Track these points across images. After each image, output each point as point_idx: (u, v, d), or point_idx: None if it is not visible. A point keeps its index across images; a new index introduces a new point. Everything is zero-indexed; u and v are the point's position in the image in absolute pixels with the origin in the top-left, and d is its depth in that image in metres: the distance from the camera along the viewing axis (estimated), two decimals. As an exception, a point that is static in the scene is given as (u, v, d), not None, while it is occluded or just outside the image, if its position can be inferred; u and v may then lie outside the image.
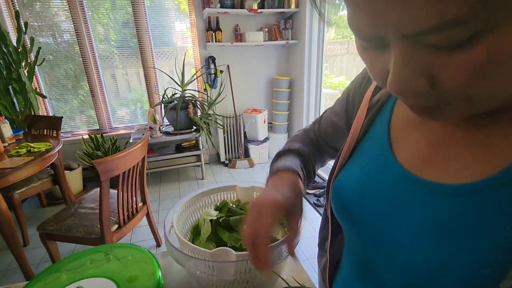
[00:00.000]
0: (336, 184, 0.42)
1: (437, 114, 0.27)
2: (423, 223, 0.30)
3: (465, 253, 0.27)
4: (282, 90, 3.27)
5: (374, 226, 0.35)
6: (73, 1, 2.66)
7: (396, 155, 0.35)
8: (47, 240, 1.53)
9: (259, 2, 2.87)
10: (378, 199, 0.35)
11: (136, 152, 1.50)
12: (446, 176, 0.30)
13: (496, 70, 0.20)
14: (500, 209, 0.26)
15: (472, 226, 0.27)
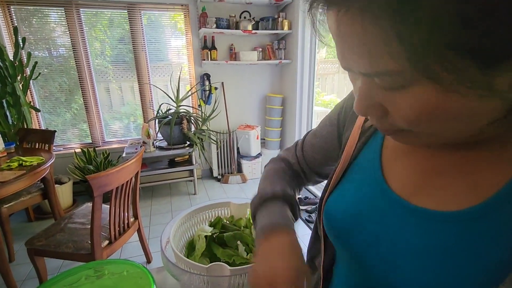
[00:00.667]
0: (328, 206, 0.44)
1: (396, 136, 0.32)
2: (415, 247, 0.32)
3: (454, 277, 0.29)
4: (275, 107, 3.35)
5: (368, 249, 0.37)
6: (71, 17, 2.72)
7: (387, 181, 0.37)
8: (35, 256, 1.50)
9: (253, 24, 2.99)
10: (371, 223, 0.37)
11: (130, 167, 1.52)
12: (435, 203, 0.32)
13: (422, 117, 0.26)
14: (485, 235, 0.28)
15: (460, 251, 0.29)
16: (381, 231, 0.36)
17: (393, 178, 0.37)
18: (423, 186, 0.34)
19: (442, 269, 0.30)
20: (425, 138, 0.30)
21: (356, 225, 0.38)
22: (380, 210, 0.37)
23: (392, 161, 0.38)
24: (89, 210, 1.81)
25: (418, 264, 0.32)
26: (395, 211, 0.35)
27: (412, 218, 0.33)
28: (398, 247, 0.34)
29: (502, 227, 0.28)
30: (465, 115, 0.25)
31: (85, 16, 2.79)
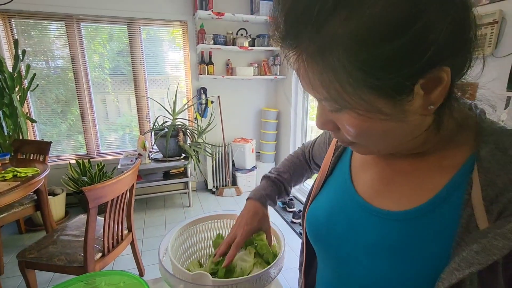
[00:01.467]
0: (309, 212, 0.50)
1: (352, 147, 0.38)
2: (373, 243, 0.38)
3: (404, 268, 0.34)
4: (270, 121, 3.41)
5: (338, 247, 0.43)
6: (71, 31, 2.78)
7: (355, 187, 0.44)
8: (26, 269, 1.48)
9: (249, 41, 3.09)
10: (341, 224, 0.43)
11: (126, 179, 1.53)
12: (389, 205, 0.38)
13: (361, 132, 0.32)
14: (426, 231, 0.34)
15: (407, 246, 0.35)
16: (348, 230, 0.42)
17: (359, 184, 0.44)
18: (381, 190, 0.40)
19: (393, 262, 0.35)
20: (370, 148, 0.36)
21: (329, 226, 0.45)
22: (349, 211, 0.43)
23: (359, 171, 0.45)
24: (83, 222, 1.80)
25: (375, 258, 0.37)
26: (360, 212, 0.41)
27: (372, 218, 0.39)
28: (360, 244, 0.39)
29: (440, 223, 0.33)
30: (389, 133, 0.32)
31: (85, 30, 2.85)
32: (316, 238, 0.48)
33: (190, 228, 0.69)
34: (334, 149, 0.52)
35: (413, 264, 0.34)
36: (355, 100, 0.29)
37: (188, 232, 0.69)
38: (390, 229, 0.37)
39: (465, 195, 0.32)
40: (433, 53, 0.25)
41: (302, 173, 0.72)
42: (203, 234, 0.72)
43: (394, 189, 0.39)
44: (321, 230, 0.46)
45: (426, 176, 0.36)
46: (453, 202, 0.33)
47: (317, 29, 0.27)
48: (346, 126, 0.33)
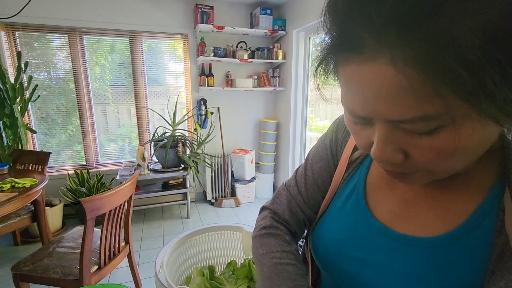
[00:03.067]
0: (315, 233, 0.46)
1: (406, 179, 0.33)
2: (400, 271, 0.35)
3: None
4: (269, 132, 3.43)
5: (355, 274, 0.39)
6: (74, 43, 2.83)
7: (371, 209, 0.40)
8: (20, 282, 1.46)
9: (249, 53, 3.14)
10: (357, 249, 0.39)
11: (124, 190, 1.52)
12: (414, 230, 0.36)
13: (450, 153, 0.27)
14: (455, 259, 0.32)
15: (437, 274, 0.33)
16: (367, 257, 0.38)
17: (375, 206, 0.40)
18: (403, 215, 0.38)
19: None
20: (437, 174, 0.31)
21: (342, 251, 0.41)
22: (364, 236, 0.40)
23: (375, 191, 0.41)
24: (79, 233, 1.78)
25: (399, 286, 0.35)
26: (379, 238, 0.38)
27: (396, 244, 0.37)
28: (383, 271, 0.37)
29: (472, 250, 0.32)
30: (479, 146, 0.28)
31: (87, 43, 2.90)
32: (325, 263, 0.44)
33: (188, 241, 0.69)
34: (347, 164, 0.46)
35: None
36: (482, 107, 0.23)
37: (186, 245, 0.68)
38: (418, 256, 0.35)
39: (498, 221, 0.31)
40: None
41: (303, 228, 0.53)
42: (200, 247, 0.71)
43: (418, 213, 0.37)
44: (332, 256, 0.42)
45: (453, 200, 0.34)
46: (484, 228, 0.32)
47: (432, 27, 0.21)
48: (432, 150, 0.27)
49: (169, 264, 0.61)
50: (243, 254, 0.73)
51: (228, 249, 0.74)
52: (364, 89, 0.27)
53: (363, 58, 0.25)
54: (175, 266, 0.64)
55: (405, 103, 0.25)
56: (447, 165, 0.29)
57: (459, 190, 0.34)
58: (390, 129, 0.28)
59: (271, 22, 3.07)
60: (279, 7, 3.26)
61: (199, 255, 0.71)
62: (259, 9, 3.01)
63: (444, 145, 0.26)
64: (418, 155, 0.28)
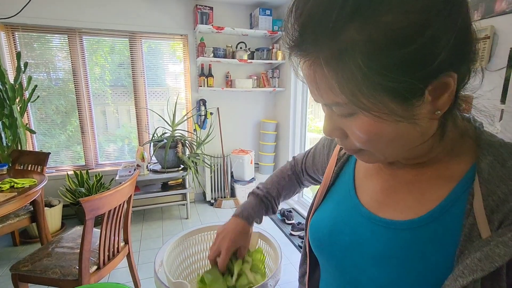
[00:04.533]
0: (312, 223, 0.50)
1: (358, 155, 0.39)
2: (379, 253, 0.39)
3: (409, 277, 0.35)
4: (269, 132, 3.43)
5: (343, 258, 0.43)
6: (74, 44, 2.83)
7: (359, 198, 0.45)
8: (19, 282, 1.45)
9: (249, 54, 3.14)
10: (346, 235, 0.43)
11: (124, 190, 1.52)
12: (394, 215, 0.39)
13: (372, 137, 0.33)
14: (430, 240, 0.35)
15: (411, 255, 0.36)
16: (354, 240, 0.42)
17: (363, 195, 0.45)
18: (385, 201, 0.41)
19: (398, 271, 0.36)
20: (377, 156, 0.37)
21: (334, 236, 0.45)
22: (353, 222, 0.44)
23: (362, 182, 0.46)
24: (79, 234, 1.77)
25: (380, 267, 0.38)
26: (364, 223, 0.42)
27: (377, 228, 0.40)
28: (366, 254, 0.40)
29: (443, 232, 0.35)
30: (400, 137, 0.33)
31: (87, 43, 2.90)
32: (320, 249, 0.48)
33: (187, 240, 0.69)
34: (336, 159, 0.52)
35: (417, 273, 0.35)
36: (371, 102, 0.30)
37: (185, 244, 0.69)
38: (395, 239, 0.38)
39: (467, 205, 0.33)
40: (442, 59, 0.28)
41: (291, 189, 0.72)
42: (199, 246, 0.71)
43: (398, 199, 0.40)
44: (325, 241, 0.46)
45: (428, 186, 0.38)
46: (455, 212, 0.34)
47: (334, 35, 0.28)
48: (356, 132, 0.33)
49: (169, 262, 0.61)
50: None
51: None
52: (306, 80, 0.34)
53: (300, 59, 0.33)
54: (174, 266, 0.64)
55: (324, 91, 0.32)
56: (380, 148, 0.35)
57: (434, 177, 0.38)
58: (328, 110, 0.36)
59: (270, 23, 3.08)
60: (278, 8, 3.26)
61: (198, 254, 0.72)
62: (258, 10, 3.02)
63: (362, 129, 0.33)
64: (350, 134, 0.35)
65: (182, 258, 0.67)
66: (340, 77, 0.29)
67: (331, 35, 0.28)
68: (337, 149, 0.53)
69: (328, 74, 0.30)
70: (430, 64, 0.28)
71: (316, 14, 0.29)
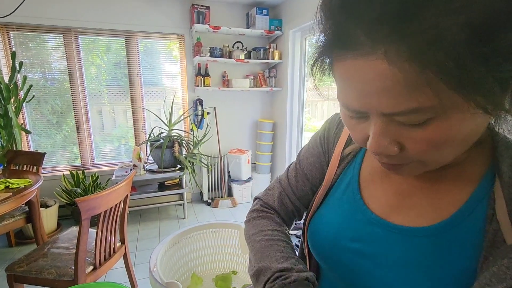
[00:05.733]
0: (312, 227, 0.47)
1: (400, 170, 0.34)
2: (397, 260, 0.36)
3: (430, 283, 0.33)
4: (265, 132, 3.43)
5: (353, 265, 0.40)
6: (69, 43, 2.81)
7: (366, 203, 0.41)
8: (14, 283, 1.44)
9: (245, 53, 3.14)
10: (354, 241, 0.40)
11: (120, 190, 1.52)
12: (410, 221, 0.37)
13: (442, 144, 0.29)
14: (449, 247, 0.33)
15: (432, 262, 0.34)
16: (364, 248, 0.39)
17: (371, 199, 0.41)
18: (398, 206, 0.39)
19: (419, 278, 0.34)
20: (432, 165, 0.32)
21: (339, 243, 0.42)
22: (361, 228, 0.41)
23: (369, 185, 0.43)
24: (75, 234, 1.77)
25: (397, 275, 0.36)
26: (375, 229, 0.39)
27: (391, 235, 0.38)
28: (380, 262, 0.38)
29: (465, 238, 0.33)
30: (468, 136, 0.29)
31: (83, 43, 2.89)
32: (322, 256, 0.45)
33: (184, 238, 0.69)
34: (339, 160, 0.48)
35: (439, 280, 0.33)
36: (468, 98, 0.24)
37: (182, 243, 0.69)
38: (414, 246, 0.36)
39: (489, 209, 0.32)
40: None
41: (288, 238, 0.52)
42: (193, 245, 0.71)
43: (412, 204, 0.38)
44: (329, 249, 0.43)
45: (445, 190, 0.36)
46: (476, 217, 0.33)
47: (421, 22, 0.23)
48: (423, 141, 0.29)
49: (163, 262, 0.61)
50: (241, 252, 0.74)
51: (225, 246, 0.74)
52: (359, 83, 0.28)
53: (357, 54, 0.26)
54: (170, 264, 0.64)
55: (399, 95, 0.26)
56: (438, 155, 0.30)
57: (451, 181, 0.36)
58: (385, 122, 0.30)
59: (267, 23, 3.08)
60: (275, 8, 3.27)
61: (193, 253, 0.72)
62: (255, 9, 3.02)
63: (435, 136, 0.28)
64: (411, 147, 0.30)
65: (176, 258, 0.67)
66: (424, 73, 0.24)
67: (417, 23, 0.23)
68: (340, 148, 0.48)
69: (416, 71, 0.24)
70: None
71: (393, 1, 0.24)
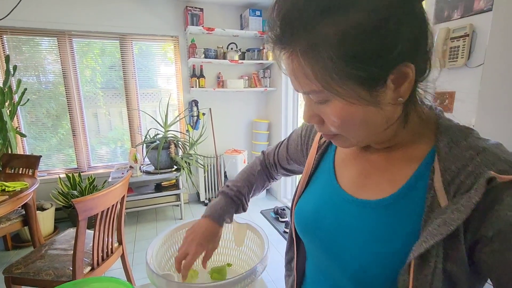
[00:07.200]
0: (297, 209, 0.54)
1: (334, 140, 0.43)
2: (357, 229, 0.43)
3: (383, 247, 0.40)
4: (261, 132, 3.46)
5: (327, 237, 0.47)
6: (63, 46, 2.82)
7: (339, 183, 0.49)
8: (12, 285, 1.45)
9: (240, 54, 3.17)
10: (329, 217, 0.48)
11: (116, 191, 1.53)
12: (369, 195, 0.44)
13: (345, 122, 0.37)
14: (398, 215, 0.40)
15: (385, 228, 0.41)
16: (336, 222, 0.46)
17: (342, 180, 0.49)
18: (361, 184, 0.46)
19: (374, 243, 0.41)
20: (351, 140, 0.41)
21: (318, 219, 0.49)
22: (335, 205, 0.48)
23: (341, 168, 0.51)
24: (72, 236, 1.77)
25: (359, 241, 0.43)
26: (345, 204, 0.47)
27: (355, 208, 0.45)
28: (346, 231, 0.45)
29: (410, 207, 0.39)
30: (368, 121, 0.37)
31: (77, 46, 2.89)
32: (305, 232, 0.52)
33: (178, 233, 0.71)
34: (317, 147, 0.56)
35: (391, 243, 0.40)
36: (342, 88, 0.34)
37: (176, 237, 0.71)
38: (370, 216, 0.43)
39: (429, 181, 0.38)
40: (400, 50, 0.32)
41: (260, 185, 0.73)
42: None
43: (373, 182, 0.45)
44: (310, 224, 0.50)
45: (397, 168, 0.43)
46: (420, 188, 0.40)
47: (310, 30, 0.33)
48: (330, 117, 0.38)
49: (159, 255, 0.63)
50: (235, 245, 0.76)
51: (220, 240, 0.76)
52: (287, 70, 0.38)
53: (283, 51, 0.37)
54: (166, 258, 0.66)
55: (302, 80, 0.36)
56: (352, 132, 0.39)
57: (401, 160, 0.43)
58: (306, 98, 0.40)
59: (261, 24, 3.11)
60: (268, 9, 3.29)
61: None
62: (248, 11, 3.05)
63: (335, 113, 0.37)
64: (326, 120, 0.39)
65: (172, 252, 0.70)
66: (315, 67, 0.34)
67: (306, 29, 0.33)
68: (317, 138, 0.57)
69: (304, 64, 0.34)
70: (390, 54, 0.32)
71: (294, 11, 0.33)
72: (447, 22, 1.44)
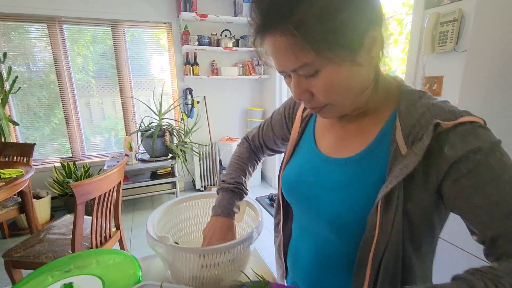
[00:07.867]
0: (283, 175, 0.62)
1: (322, 112, 0.49)
2: (334, 183, 0.51)
3: (356, 196, 0.47)
4: (255, 120, 3.48)
5: (308, 193, 0.54)
6: (54, 33, 2.77)
7: (319, 148, 0.57)
8: (12, 269, 1.48)
9: (233, 41, 3.15)
10: (310, 176, 0.55)
11: (113, 176, 1.55)
12: (345, 154, 0.52)
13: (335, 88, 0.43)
14: (368, 167, 0.48)
15: (356, 180, 0.48)
16: (315, 179, 0.54)
17: (321, 145, 0.58)
18: (337, 146, 0.54)
19: (348, 193, 0.48)
20: (338, 108, 0.47)
21: (300, 179, 0.57)
22: (315, 166, 0.56)
23: (320, 136, 0.59)
24: (69, 221, 1.80)
25: (335, 192, 0.50)
26: (323, 164, 0.54)
27: (331, 166, 0.53)
28: (325, 186, 0.52)
29: (377, 160, 0.47)
30: (353, 82, 0.44)
31: (68, 32, 2.84)
32: (289, 192, 0.60)
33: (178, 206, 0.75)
34: (300, 121, 0.64)
35: (362, 192, 0.47)
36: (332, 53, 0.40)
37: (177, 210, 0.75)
38: (343, 171, 0.51)
39: (392, 136, 0.46)
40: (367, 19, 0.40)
41: (252, 169, 0.79)
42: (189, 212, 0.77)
43: (347, 144, 0.53)
44: (294, 183, 0.58)
45: (366, 130, 0.51)
46: (384, 143, 0.47)
47: (291, 13, 0.38)
48: (321, 86, 0.43)
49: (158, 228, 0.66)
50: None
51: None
52: (274, 52, 0.43)
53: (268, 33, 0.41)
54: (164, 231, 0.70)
55: (292, 57, 0.41)
56: (339, 98, 0.45)
57: (370, 123, 0.50)
58: (296, 77, 0.44)
59: (254, 10, 3.08)
60: None
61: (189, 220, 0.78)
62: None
63: (326, 82, 0.42)
64: (317, 92, 0.44)
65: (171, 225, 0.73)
66: (303, 42, 0.39)
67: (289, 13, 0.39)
68: (300, 114, 0.65)
69: (294, 42, 0.39)
70: (360, 23, 0.40)
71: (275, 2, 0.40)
72: (437, 7, 1.46)
